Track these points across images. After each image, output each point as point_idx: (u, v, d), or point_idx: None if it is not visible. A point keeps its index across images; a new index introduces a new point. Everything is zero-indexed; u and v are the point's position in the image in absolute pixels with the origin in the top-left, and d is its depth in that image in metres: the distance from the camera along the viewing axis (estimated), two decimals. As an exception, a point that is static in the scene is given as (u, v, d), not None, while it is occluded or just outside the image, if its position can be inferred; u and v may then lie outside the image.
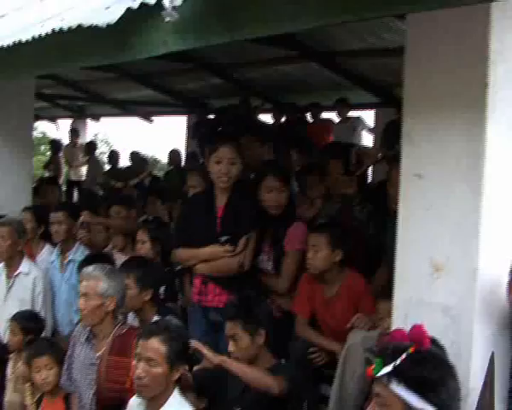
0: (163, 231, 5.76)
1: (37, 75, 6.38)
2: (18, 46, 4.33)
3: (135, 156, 13.38)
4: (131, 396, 3.70)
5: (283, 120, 10.73)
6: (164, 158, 19.14)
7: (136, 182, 11.84)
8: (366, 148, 6.14)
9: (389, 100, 9.58)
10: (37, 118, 17.56)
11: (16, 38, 4.37)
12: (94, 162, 14.24)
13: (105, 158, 22.25)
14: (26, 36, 4.26)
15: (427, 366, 2.42)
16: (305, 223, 5.15)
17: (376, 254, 5.17)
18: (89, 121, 16.55)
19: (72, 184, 14.42)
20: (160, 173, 14.66)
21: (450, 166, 3.16)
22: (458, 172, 3.13)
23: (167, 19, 3.15)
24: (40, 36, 4.06)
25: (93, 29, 3.48)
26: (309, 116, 10.61)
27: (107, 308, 4.14)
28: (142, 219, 7.12)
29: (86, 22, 3.58)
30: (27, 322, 5.28)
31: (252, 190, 5.01)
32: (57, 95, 13.40)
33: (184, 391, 3.59)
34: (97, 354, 4.17)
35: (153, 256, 5.46)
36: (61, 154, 15.14)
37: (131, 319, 4.70)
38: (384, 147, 7.81)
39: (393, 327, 3.34)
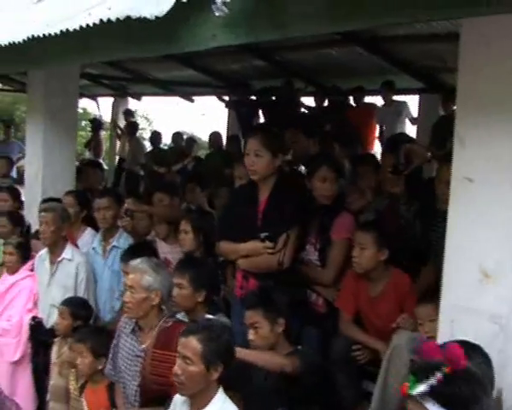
0: (206, 220, 5.71)
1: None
2: (65, 34, 4.31)
3: (178, 138, 13.34)
4: (176, 391, 3.71)
5: (326, 103, 10.65)
6: (204, 137, 19.17)
7: (179, 167, 11.73)
8: (415, 144, 5.99)
9: (434, 85, 9.44)
10: (79, 95, 17.70)
11: (63, 27, 4.34)
12: (135, 142, 14.22)
13: (144, 134, 22.40)
14: (72, 25, 4.23)
15: (463, 386, 2.39)
16: (353, 213, 5.08)
17: (421, 254, 5.11)
18: (130, 100, 16.53)
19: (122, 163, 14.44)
20: (201, 153, 14.61)
21: (501, 171, 3.08)
22: (510, 177, 3.05)
23: (217, 13, 3.10)
24: (88, 25, 4.04)
25: (141, 20, 3.45)
26: (352, 100, 10.48)
27: (152, 302, 4.17)
28: (183, 206, 7.08)
29: (134, 14, 3.54)
30: (77, 308, 5.35)
31: (296, 183, 4.95)
32: (99, 75, 13.38)
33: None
34: (142, 347, 4.20)
35: (196, 247, 5.42)
36: (101, 132, 15.19)
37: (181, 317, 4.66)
38: (433, 146, 7.66)
39: (439, 333, 3.32)
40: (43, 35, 4.59)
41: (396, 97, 10.14)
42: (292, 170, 6.19)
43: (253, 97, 11.82)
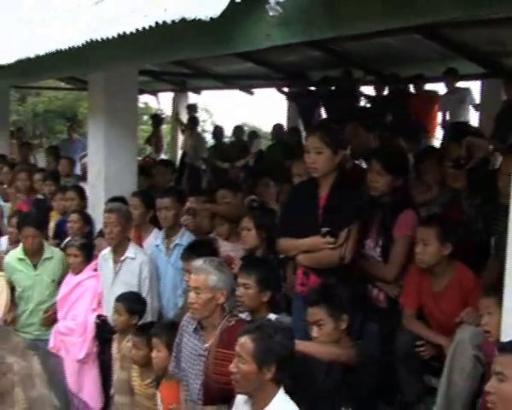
0: (268, 217, 5.70)
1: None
2: (122, 37, 4.37)
3: (239, 132, 13.36)
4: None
5: (386, 92, 10.54)
6: (264, 128, 19.17)
7: (243, 163, 11.71)
8: (476, 138, 5.87)
9: (496, 70, 9.23)
10: (140, 91, 17.90)
11: (120, 30, 4.40)
12: (196, 136, 14.30)
13: (206, 127, 22.53)
14: (129, 27, 4.28)
15: None
16: (416, 210, 5.01)
17: (483, 249, 5.02)
18: (190, 94, 16.63)
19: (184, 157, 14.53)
20: (263, 145, 14.60)
21: None
22: None
23: (271, 13, 3.09)
24: (144, 28, 4.08)
25: (196, 22, 3.47)
26: (412, 88, 10.34)
27: (217, 301, 4.18)
28: (247, 200, 7.06)
29: (189, 15, 3.56)
30: (132, 303, 5.44)
31: (356, 178, 4.91)
32: (159, 71, 13.51)
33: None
34: (205, 346, 4.21)
35: (258, 244, 5.43)
36: (162, 128, 15.31)
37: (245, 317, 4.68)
38: (496, 137, 7.50)
39: (503, 333, 3.24)
40: (101, 39, 4.65)
41: (459, 84, 9.94)
42: (354, 165, 6.14)
43: (313, 88, 11.77)
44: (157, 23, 3.91)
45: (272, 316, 4.49)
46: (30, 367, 4.08)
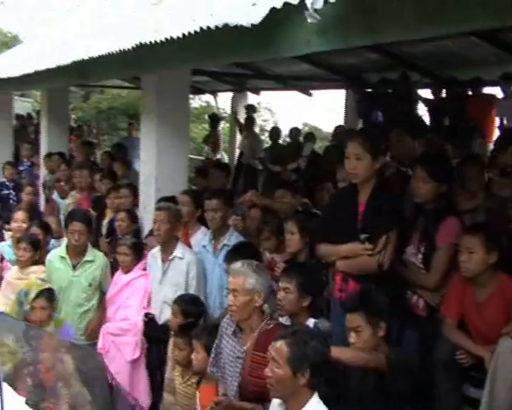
0: (312, 221, 5.70)
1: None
2: (171, 40, 4.45)
3: (296, 133, 13.35)
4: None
5: (443, 95, 10.42)
6: (325, 128, 19.09)
7: (294, 166, 11.69)
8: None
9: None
10: (199, 91, 18.09)
11: (168, 34, 4.48)
12: (253, 137, 14.36)
13: (268, 126, 22.57)
14: (177, 32, 4.36)
15: None
16: (460, 218, 4.95)
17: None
18: (249, 94, 16.71)
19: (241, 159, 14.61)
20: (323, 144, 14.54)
21: None
22: None
23: (309, 20, 3.11)
24: (189, 33, 4.15)
25: (239, 27, 3.51)
26: (470, 91, 10.19)
27: (255, 303, 4.20)
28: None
29: (232, 21, 3.61)
30: (187, 305, 5.51)
31: (396, 184, 4.88)
32: (219, 71, 13.61)
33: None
34: (243, 348, 4.24)
35: (301, 247, 5.44)
36: (220, 127, 15.41)
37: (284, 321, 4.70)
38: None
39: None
40: (150, 42, 4.75)
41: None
42: (397, 171, 6.10)
43: (370, 90, 11.73)
44: (201, 28, 3.98)
45: (311, 321, 4.51)
46: (65, 366, 4.21)
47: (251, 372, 4.14)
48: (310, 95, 15.17)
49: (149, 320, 6.01)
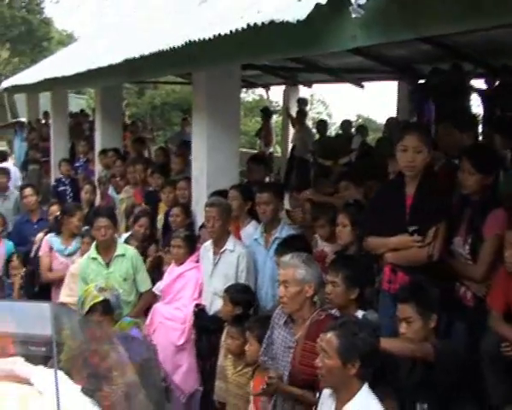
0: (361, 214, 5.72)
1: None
2: (219, 37, 4.53)
3: (347, 126, 13.33)
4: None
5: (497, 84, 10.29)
6: (379, 120, 18.95)
7: (346, 160, 11.63)
8: None
9: None
10: (251, 85, 18.19)
11: (216, 31, 4.57)
12: (305, 130, 14.39)
13: (318, 118, 22.56)
14: (225, 29, 4.45)
15: None
16: (506, 209, 4.91)
17: None
18: (301, 87, 16.73)
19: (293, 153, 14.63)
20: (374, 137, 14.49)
21: None
22: None
23: (354, 15, 3.15)
24: (237, 30, 4.22)
25: (285, 24, 3.57)
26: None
27: (306, 294, 4.28)
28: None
29: (278, 17, 3.68)
30: (237, 294, 5.64)
31: (443, 176, 4.86)
32: (271, 65, 13.65)
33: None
34: (295, 338, 4.32)
35: (352, 240, 5.48)
36: (272, 121, 15.47)
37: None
38: None
39: None
40: (199, 39, 4.84)
41: None
42: (445, 163, 6.08)
43: (422, 81, 11.63)
44: (248, 25, 4.05)
45: (360, 313, 4.55)
46: (120, 356, 4.33)
47: (302, 361, 4.23)
48: (362, 86, 15.09)
49: (200, 311, 6.13)
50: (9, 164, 14.40)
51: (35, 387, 3.08)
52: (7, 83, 21.18)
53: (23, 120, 21.89)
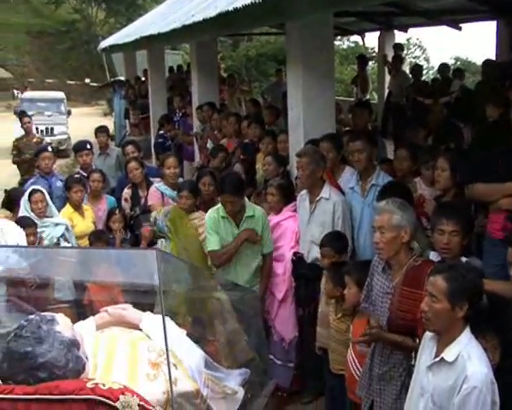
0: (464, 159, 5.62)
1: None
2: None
3: (445, 69, 13.04)
4: (421, 327, 3.87)
5: None
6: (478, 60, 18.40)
7: (446, 100, 11.39)
8: None
9: None
10: (346, 32, 17.99)
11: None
12: (401, 76, 14.17)
13: (419, 62, 22.11)
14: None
15: None
16: None
17: None
18: (396, 33, 16.42)
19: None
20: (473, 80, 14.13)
21: None
22: None
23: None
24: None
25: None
26: None
27: (401, 240, 4.27)
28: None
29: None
30: (335, 243, 5.71)
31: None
32: (365, 11, 13.45)
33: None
34: (392, 284, 4.34)
35: (451, 185, 5.42)
36: (368, 68, 15.29)
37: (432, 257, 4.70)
38: None
39: None
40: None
41: None
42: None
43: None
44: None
45: (463, 259, 4.51)
46: (223, 303, 4.49)
47: (399, 307, 4.25)
48: (459, 28, 14.68)
49: (298, 259, 6.22)
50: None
51: (143, 331, 3.26)
52: (104, 43, 21.70)
53: (121, 78, 22.41)
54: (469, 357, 3.44)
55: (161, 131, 12.57)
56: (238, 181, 6.09)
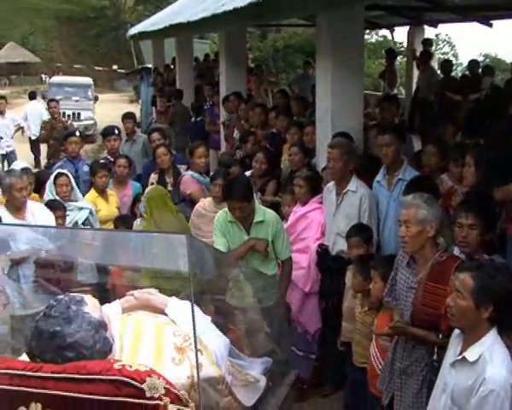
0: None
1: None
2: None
3: (474, 66, 12.94)
4: (446, 323, 3.86)
5: None
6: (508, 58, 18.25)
7: (476, 97, 11.29)
8: None
9: None
10: (375, 26, 17.88)
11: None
12: (429, 71, 14.07)
13: (444, 58, 21.96)
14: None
15: None
16: None
17: None
18: (426, 28, 16.29)
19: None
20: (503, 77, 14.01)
21: None
22: None
23: None
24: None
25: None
26: None
27: (427, 234, 4.26)
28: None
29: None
30: (363, 233, 5.70)
31: None
32: (394, 6, 13.36)
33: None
34: (417, 279, 4.34)
35: (475, 181, 5.39)
36: (396, 62, 15.21)
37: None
38: None
39: None
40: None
41: None
42: None
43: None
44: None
45: (485, 257, 4.49)
46: (245, 293, 4.50)
47: (423, 302, 4.24)
48: (490, 25, 14.52)
49: (323, 251, 6.22)
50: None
51: (169, 316, 3.29)
52: (133, 30, 21.76)
53: (149, 66, 22.48)
54: (491, 359, 3.41)
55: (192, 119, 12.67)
56: (246, 186, 5.70)
